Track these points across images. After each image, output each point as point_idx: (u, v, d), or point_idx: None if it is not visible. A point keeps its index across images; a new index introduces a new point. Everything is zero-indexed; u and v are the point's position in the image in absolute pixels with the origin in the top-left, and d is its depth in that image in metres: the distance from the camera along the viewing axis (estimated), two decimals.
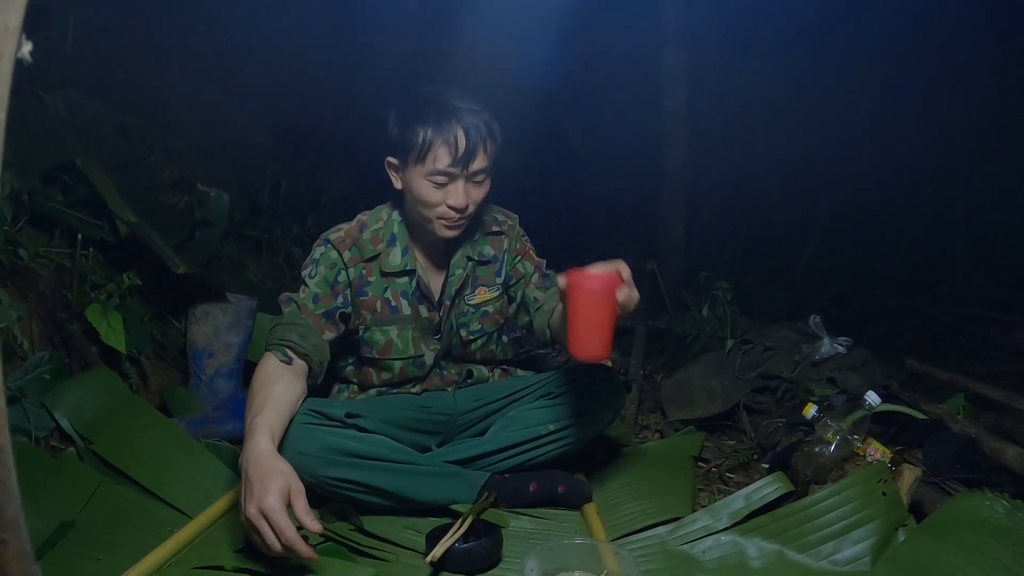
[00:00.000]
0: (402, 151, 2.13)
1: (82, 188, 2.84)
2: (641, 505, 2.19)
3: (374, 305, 2.27)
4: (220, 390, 2.86)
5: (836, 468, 2.30)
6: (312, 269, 2.21)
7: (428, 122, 2.07)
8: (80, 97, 3.43)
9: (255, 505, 1.58)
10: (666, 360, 4.18)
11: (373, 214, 2.33)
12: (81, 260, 2.65)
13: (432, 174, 2.10)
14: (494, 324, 2.43)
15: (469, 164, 2.10)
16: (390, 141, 2.17)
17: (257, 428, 1.75)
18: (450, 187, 2.12)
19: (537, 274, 2.46)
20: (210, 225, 3.34)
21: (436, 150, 2.07)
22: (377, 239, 2.27)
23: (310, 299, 2.17)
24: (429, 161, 2.08)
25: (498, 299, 2.43)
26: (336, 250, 2.23)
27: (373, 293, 2.26)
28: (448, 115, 2.09)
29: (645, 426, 3.26)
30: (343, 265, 2.23)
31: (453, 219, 2.16)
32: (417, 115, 2.10)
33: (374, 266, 2.26)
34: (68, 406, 2.28)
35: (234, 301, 2.92)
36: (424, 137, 2.07)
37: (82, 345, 2.58)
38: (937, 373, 3.65)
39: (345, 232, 2.27)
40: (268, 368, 2.00)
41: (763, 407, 3.19)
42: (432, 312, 2.33)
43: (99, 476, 2.08)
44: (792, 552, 1.92)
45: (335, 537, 1.91)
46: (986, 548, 1.83)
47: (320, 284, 2.19)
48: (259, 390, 1.91)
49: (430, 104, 2.12)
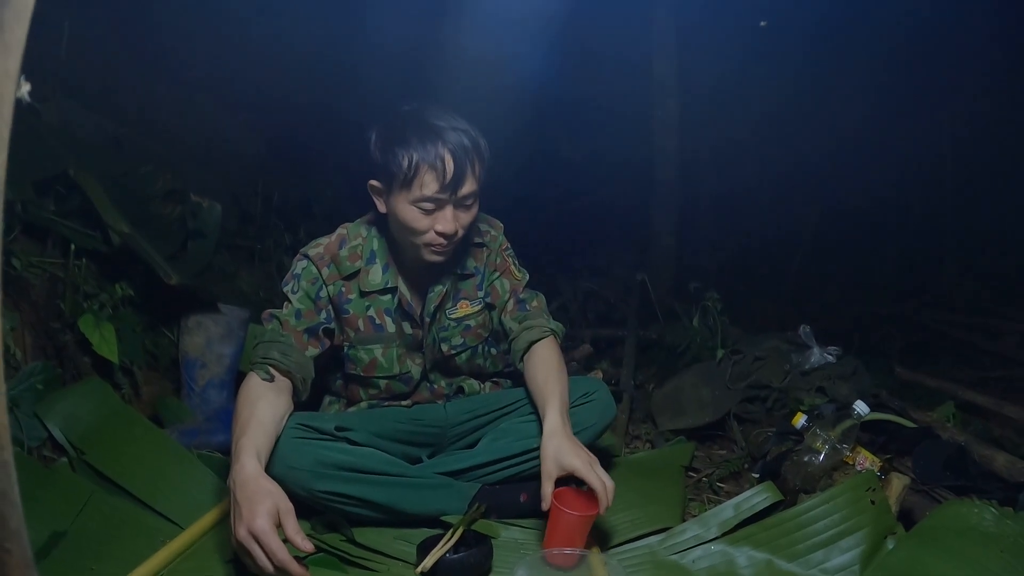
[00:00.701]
0: (386, 176, 2.04)
1: (75, 198, 2.85)
2: (631, 515, 2.20)
3: (356, 323, 2.23)
4: (212, 401, 2.86)
5: (825, 477, 2.32)
6: (294, 284, 2.17)
7: (412, 145, 1.97)
8: (73, 107, 3.43)
9: (245, 527, 1.57)
10: (657, 370, 4.19)
11: (353, 228, 2.27)
12: (74, 270, 2.65)
13: (419, 200, 2.00)
14: (476, 338, 2.39)
15: (458, 189, 2.01)
16: (372, 164, 2.07)
17: (243, 450, 1.73)
18: (438, 213, 2.04)
19: (512, 300, 2.39)
20: (203, 236, 3.34)
21: (422, 176, 1.98)
22: (355, 255, 2.21)
23: (292, 315, 2.12)
24: (416, 188, 1.99)
25: (480, 313, 2.37)
26: (315, 266, 2.18)
27: (354, 311, 2.22)
28: (433, 137, 1.98)
29: (636, 436, 3.27)
30: (323, 281, 2.18)
31: (441, 245, 2.09)
32: (400, 138, 2.00)
33: (353, 284, 2.21)
34: (61, 416, 2.27)
35: (226, 312, 2.93)
36: (409, 162, 1.97)
37: (75, 355, 2.58)
38: (926, 381, 3.66)
39: (324, 248, 2.21)
40: (250, 387, 1.96)
41: (753, 416, 3.21)
42: (416, 329, 2.29)
43: (91, 486, 2.08)
44: (782, 561, 1.93)
45: (326, 548, 1.92)
46: (974, 555, 1.85)
47: (302, 300, 2.14)
48: (243, 410, 1.88)
49: (413, 125, 2.01)
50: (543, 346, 2.30)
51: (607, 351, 4.56)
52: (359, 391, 2.34)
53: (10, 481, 0.70)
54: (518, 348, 2.33)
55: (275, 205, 4.51)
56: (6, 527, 0.71)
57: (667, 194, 5.77)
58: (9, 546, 0.71)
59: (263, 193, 4.48)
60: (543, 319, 2.38)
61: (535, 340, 2.31)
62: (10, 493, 0.71)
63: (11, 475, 0.70)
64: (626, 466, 2.67)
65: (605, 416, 2.36)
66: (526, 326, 2.34)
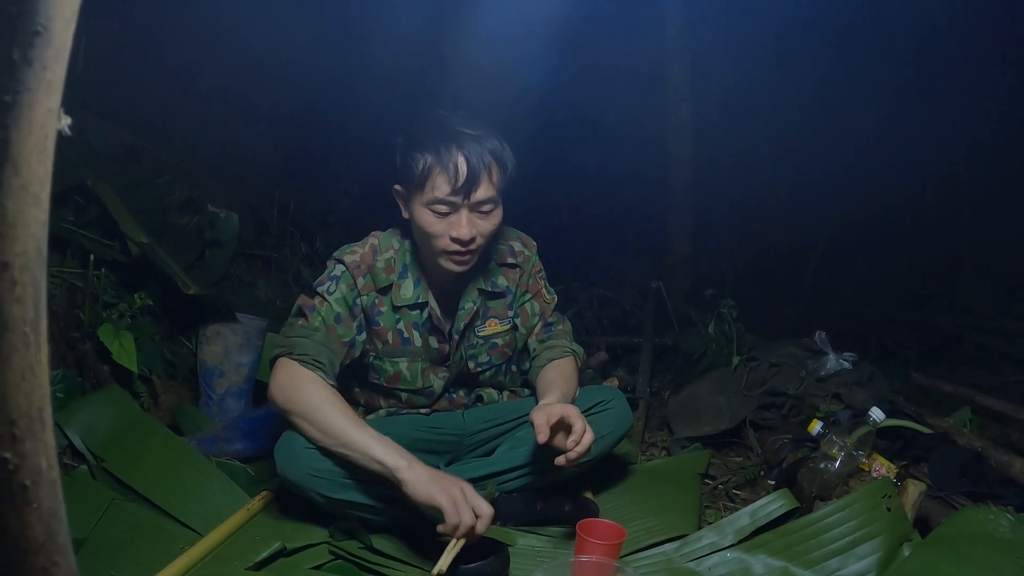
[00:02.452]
0: (405, 179, 2.07)
1: (93, 209, 2.88)
2: (647, 523, 2.20)
3: (386, 336, 2.22)
4: (230, 409, 2.88)
5: (841, 484, 2.31)
6: (330, 285, 2.14)
7: (427, 149, 2.00)
8: (91, 119, 3.47)
9: (458, 490, 1.78)
10: (673, 377, 4.19)
11: (384, 239, 2.26)
12: (93, 280, 2.68)
13: (432, 203, 2.02)
14: (502, 356, 2.40)
15: (471, 193, 2.01)
16: (395, 168, 2.10)
17: (397, 452, 1.87)
18: (452, 217, 2.04)
19: (540, 323, 2.42)
20: (220, 245, 3.37)
21: (435, 178, 2.00)
22: (390, 268, 2.20)
23: (332, 317, 2.10)
24: (428, 189, 2.01)
25: (508, 332, 2.38)
26: (352, 275, 2.15)
27: (385, 324, 2.21)
28: (449, 141, 2.00)
29: (652, 444, 3.27)
30: (358, 291, 2.16)
31: (459, 252, 2.07)
32: (419, 142, 2.02)
33: (386, 297, 2.20)
34: (81, 424, 2.30)
35: (244, 321, 2.95)
36: (424, 164, 1.99)
37: (94, 364, 2.61)
38: (943, 386, 3.63)
39: (360, 257, 2.18)
40: (318, 383, 2.00)
41: (769, 423, 3.20)
42: (442, 344, 2.29)
43: (111, 494, 2.10)
44: (798, 568, 1.93)
45: (344, 555, 1.93)
46: (990, 561, 1.84)
47: (340, 303, 2.12)
48: (330, 405, 1.95)
49: (433, 129, 2.04)
50: (561, 361, 2.35)
51: (623, 358, 4.57)
52: (379, 400, 2.35)
53: (57, 499, 0.75)
54: (538, 365, 2.36)
55: (291, 215, 4.53)
56: (55, 542, 0.75)
57: (682, 200, 5.76)
58: (58, 559, 0.76)
59: (279, 203, 4.51)
60: (566, 341, 2.42)
61: (555, 358, 2.35)
62: (58, 510, 0.75)
63: (58, 493, 0.74)
64: (642, 473, 2.67)
65: (622, 425, 2.37)
66: (548, 346, 2.39)
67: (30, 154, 0.67)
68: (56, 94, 0.68)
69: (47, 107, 0.68)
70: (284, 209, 4.51)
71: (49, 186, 0.70)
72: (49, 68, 0.68)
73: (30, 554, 0.74)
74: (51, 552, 0.75)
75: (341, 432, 1.90)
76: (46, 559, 0.75)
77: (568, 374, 2.30)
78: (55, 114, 0.69)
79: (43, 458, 0.73)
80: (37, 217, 0.69)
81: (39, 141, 0.68)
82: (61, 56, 0.68)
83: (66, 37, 0.69)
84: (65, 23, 0.68)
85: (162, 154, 3.88)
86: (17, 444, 0.71)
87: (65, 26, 0.68)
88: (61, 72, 0.69)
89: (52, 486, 0.74)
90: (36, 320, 0.70)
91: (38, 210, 0.69)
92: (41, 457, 0.73)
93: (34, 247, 0.69)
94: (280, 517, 2.13)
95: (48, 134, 0.69)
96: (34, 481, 0.72)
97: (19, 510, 0.72)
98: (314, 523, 2.07)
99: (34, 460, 0.72)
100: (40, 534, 0.74)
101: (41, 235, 0.70)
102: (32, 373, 0.71)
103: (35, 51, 0.66)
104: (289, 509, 2.14)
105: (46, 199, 0.69)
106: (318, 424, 1.93)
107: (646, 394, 3.68)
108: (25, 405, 0.71)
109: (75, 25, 0.69)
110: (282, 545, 1.92)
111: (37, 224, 0.69)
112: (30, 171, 0.68)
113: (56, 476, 0.74)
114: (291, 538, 1.97)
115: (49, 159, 0.69)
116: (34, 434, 0.72)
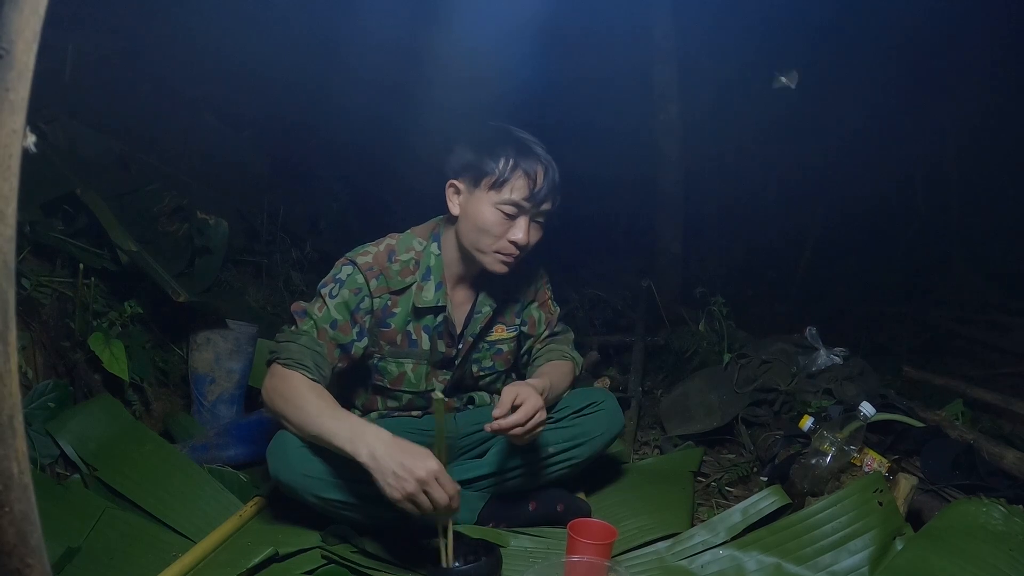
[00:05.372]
0: (475, 175, 2.12)
1: (82, 218, 2.88)
2: (640, 521, 2.21)
3: (395, 337, 2.23)
4: (222, 416, 2.88)
5: (833, 479, 2.32)
6: (333, 288, 2.13)
7: (510, 152, 2.09)
8: (79, 128, 3.47)
9: (422, 470, 1.71)
10: (664, 376, 4.20)
11: (403, 241, 2.26)
12: (83, 289, 2.67)
13: (504, 203, 2.08)
14: (505, 363, 2.44)
15: (542, 202, 2.12)
16: (460, 165, 2.15)
17: (363, 424, 1.86)
18: (518, 221, 2.11)
19: (547, 332, 2.48)
20: (209, 252, 3.37)
21: (515, 180, 2.08)
22: (407, 270, 2.21)
23: (328, 323, 2.10)
24: (506, 190, 2.08)
25: (513, 339, 2.43)
26: (363, 275, 2.14)
27: (395, 326, 2.21)
28: (530, 150, 2.11)
29: (644, 442, 3.27)
30: (368, 292, 2.15)
31: (511, 255, 2.14)
32: (499, 143, 2.11)
33: (401, 299, 2.21)
34: (72, 433, 2.30)
35: (234, 328, 2.95)
36: (506, 164, 2.07)
37: (85, 373, 2.60)
38: (934, 379, 3.65)
39: (373, 257, 2.19)
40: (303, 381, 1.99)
41: (761, 420, 3.21)
42: (450, 348, 2.31)
43: (104, 502, 2.10)
44: (790, 564, 1.94)
45: (337, 559, 1.93)
46: (982, 554, 1.85)
47: (340, 308, 2.11)
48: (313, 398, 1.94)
49: (512, 137, 2.14)
50: (558, 361, 2.41)
51: (615, 357, 4.57)
52: (378, 401, 2.35)
53: (30, 502, 0.78)
54: (536, 365, 2.41)
55: (281, 220, 4.53)
56: (27, 544, 0.78)
57: (672, 200, 5.76)
58: (31, 561, 0.78)
59: (269, 209, 4.50)
60: (567, 347, 2.48)
61: (553, 359, 2.40)
62: (30, 514, 0.78)
63: (30, 496, 0.78)
64: (635, 472, 2.68)
65: (613, 426, 2.39)
66: (549, 349, 2.44)
67: None
68: (20, 114, 0.71)
69: (11, 127, 0.71)
70: (273, 215, 4.51)
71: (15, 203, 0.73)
72: (12, 89, 0.70)
73: (3, 556, 0.77)
74: (23, 554, 0.78)
75: (312, 422, 1.90)
76: (19, 561, 0.78)
77: (561, 372, 2.35)
78: (19, 134, 0.71)
79: (14, 464, 0.76)
80: (4, 233, 0.72)
81: (3, 160, 0.71)
82: (24, 77, 0.71)
83: (28, 59, 0.71)
84: (27, 45, 0.71)
85: (151, 162, 3.88)
86: None
87: (27, 48, 0.71)
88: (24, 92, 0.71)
89: (24, 490, 0.77)
90: (5, 331, 0.73)
91: (4, 226, 0.72)
92: (12, 463, 0.76)
93: (1, 261, 0.72)
94: (273, 523, 2.13)
95: (13, 153, 0.71)
96: (5, 486, 0.76)
97: None
98: (307, 528, 2.07)
99: (5, 466, 0.76)
100: (12, 537, 0.77)
101: (9, 250, 0.73)
102: (2, 382, 0.73)
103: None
104: (282, 515, 2.14)
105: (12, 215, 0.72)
106: (294, 418, 1.95)
107: (638, 393, 3.68)
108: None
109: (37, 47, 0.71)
110: (275, 551, 1.92)
111: (4, 240, 0.72)
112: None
113: (28, 481, 0.78)
114: (284, 543, 1.97)
115: (15, 177, 0.71)
116: (5, 441, 0.75)
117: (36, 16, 0.70)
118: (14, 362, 0.73)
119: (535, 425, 2.00)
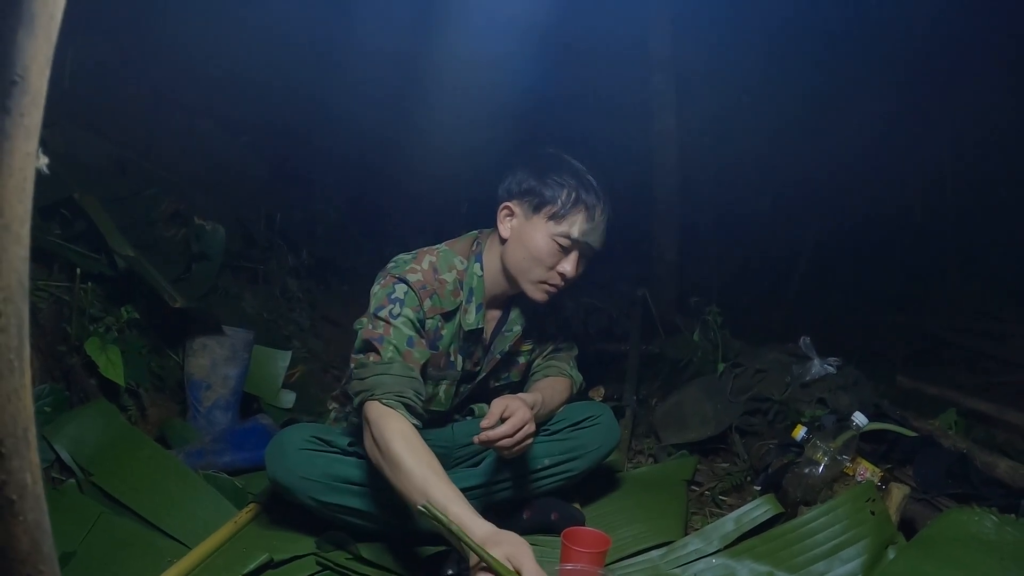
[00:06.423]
0: (535, 202, 2.09)
1: (80, 222, 2.88)
2: (634, 530, 2.22)
3: (439, 361, 2.18)
4: (218, 422, 2.88)
5: (825, 488, 2.33)
6: (393, 308, 2.01)
7: (574, 185, 2.08)
8: (77, 132, 3.47)
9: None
10: (659, 384, 4.20)
11: (443, 259, 2.18)
12: (80, 294, 2.67)
13: (561, 235, 2.07)
14: (520, 373, 2.44)
15: (596, 241, 2.14)
16: (519, 189, 2.13)
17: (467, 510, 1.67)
18: (570, 255, 2.11)
19: (552, 346, 2.47)
20: (207, 258, 3.37)
21: (576, 215, 2.07)
22: (457, 291, 2.17)
23: (405, 342, 1.98)
24: (565, 223, 2.07)
25: (531, 351, 2.44)
26: (417, 296, 2.06)
27: (442, 348, 2.17)
28: (591, 185, 2.11)
29: (639, 451, 3.28)
30: (424, 313, 2.08)
31: (556, 286, 2.14)
32: (564, 174, 2.10)
33: (449, 323, 2.16)
34: (68, 438, 2.30)
35: (231, 334, 2.95)
36: (568, 198, 2.07)
37: (81, 378, 2.60)
38: (928, 389, 3.66)
39: (423, 276, 2.10)
40: (407, 431, 1.82)
41: (755, 429, 3.22)
42: (476, 365, 2.31)
43: (99, 507, 2.10)
44: (783, 573, 1.94)
45: (332, 566, 1.94)
46: (974, 563, 1.86)
47: (408, 325, 2.01)
48: (416, 458, 1.75)
49: (575, 170, 2.12)
50: (556, 378, 2.40)
51: (610, 366, 4.57)
52: None
53: (42, 511, 0.79)
54: (534, 380, 2.41)
55: (278, 226, 4.53)
56: (40, 552, 0.80)
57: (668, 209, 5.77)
58: (43, 568, 0.81)
59: (266, 215, 4.51)
60: (567, 365, 2.47)
61: (551, 375, 2.40)
62: (43, 522, 0.80)
63: (43, 506, 0.80)
64: (629, 481, 2.69)
65: (609, 440, 2.40)
66: (549, 364, 2.44)
67: (11, 195, 0.72)
68: (34, 138, 0.73)
69: (25, 151, 0.72)
70: (270, 221, 4.51)
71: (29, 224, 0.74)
72: (26, 114, 0.72)
73: (17, 563, 0.79)
74: (36, 561, 0.80)
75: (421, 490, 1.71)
76: (32, 568, 0.80)
77: (556, 389, 2.35)
78: (33, 157, 0.73)
79: (28, 474, 0.78)
80: (18, 253, 0.74)
81: (19, 183, 0.73)
82: (37, 102, 0.73)
83: (41, 84, 0.73)
84: (40, 71, 0.72)
85: (148, 167, 3.87)
86: (4, 462, 0.75)
87: (40, 73, 0.72)
88: (38, 117, 0.73)
89: (37, 500, 0.79)
90: (20, 347, 0.76)
91: (19, 247, 0.74)
92: (26, 473, 0.77)
93: (16, 280, 0.74)
94: (268, 529, 2.13)
95: (27, 176, 0.73)
96: (20, 495, 0.77)
97: (6, 523, 0.77)
98: (302, 534, 2.07)
99: (20, 476, 0.77)
100: (26, 544, 0.79)
101: (23, 269, 0.75)
102: (17, 396, 0.76)
103: (13, 100, 0.70)
104: (277, 521, 2.15)
105: (26, 235, 0.75)
106: (399, 482, 1.77)
107: (632, 402, 3.69)
108: (11, 426, 0.75)
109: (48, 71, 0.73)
110: (269, 557, 1.93)
111: (19, 259, 0.74)
112: (11, 211, 0.72)
113: (40, 491, 0.79)
114: (278, 550, 1.98)
115: (29, 199, 0.73)
116: (20, 452, 0.77)
117: (49, 43, 0.72)
118: (28, 377, 0.76)
119: (523, 438, 1.98)
